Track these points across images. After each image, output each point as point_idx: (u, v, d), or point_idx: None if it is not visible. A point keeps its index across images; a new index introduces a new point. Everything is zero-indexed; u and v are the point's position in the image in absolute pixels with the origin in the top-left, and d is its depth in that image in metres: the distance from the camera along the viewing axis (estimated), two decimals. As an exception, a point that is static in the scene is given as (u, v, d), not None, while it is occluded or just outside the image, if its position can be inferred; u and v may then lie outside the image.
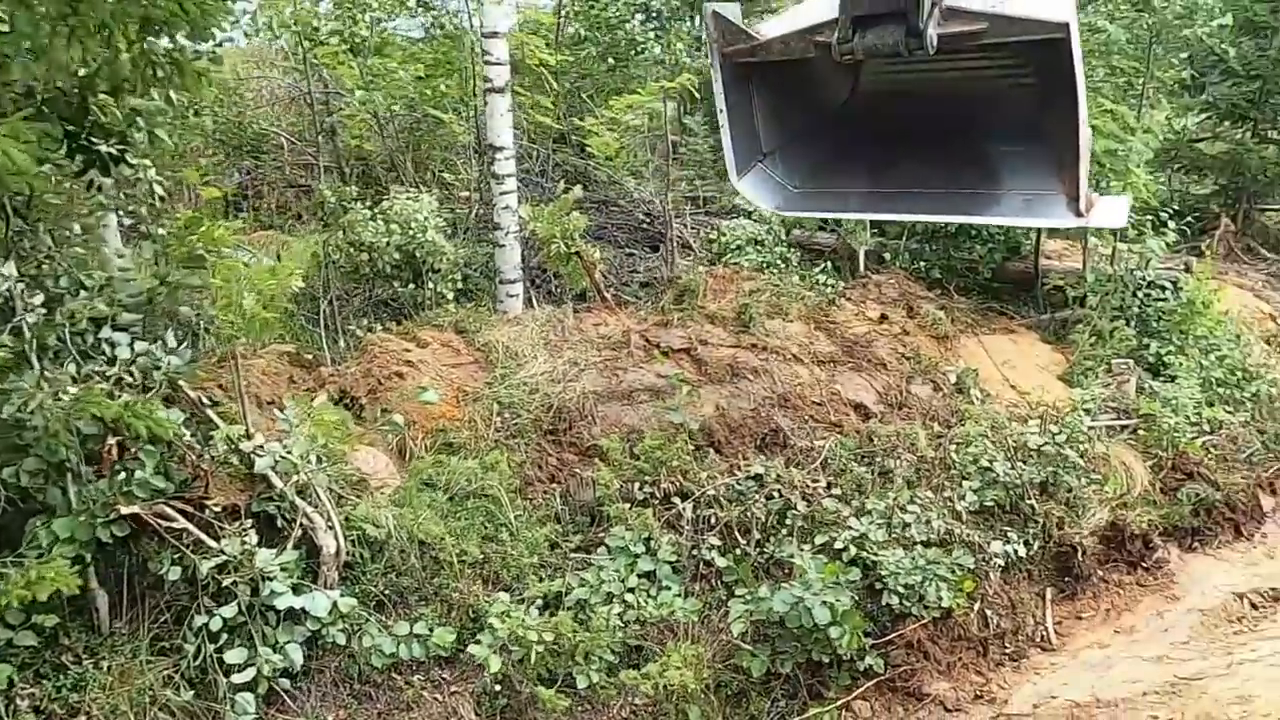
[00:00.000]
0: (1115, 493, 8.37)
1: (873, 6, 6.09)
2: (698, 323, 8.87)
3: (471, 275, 10.15)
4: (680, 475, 6.61)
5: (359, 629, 5.06)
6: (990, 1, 6.39)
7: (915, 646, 6.42)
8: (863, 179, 6.94)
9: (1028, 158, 6.27)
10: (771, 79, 7.54)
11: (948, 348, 9.77)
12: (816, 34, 7.00)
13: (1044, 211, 5.92)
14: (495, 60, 8.77)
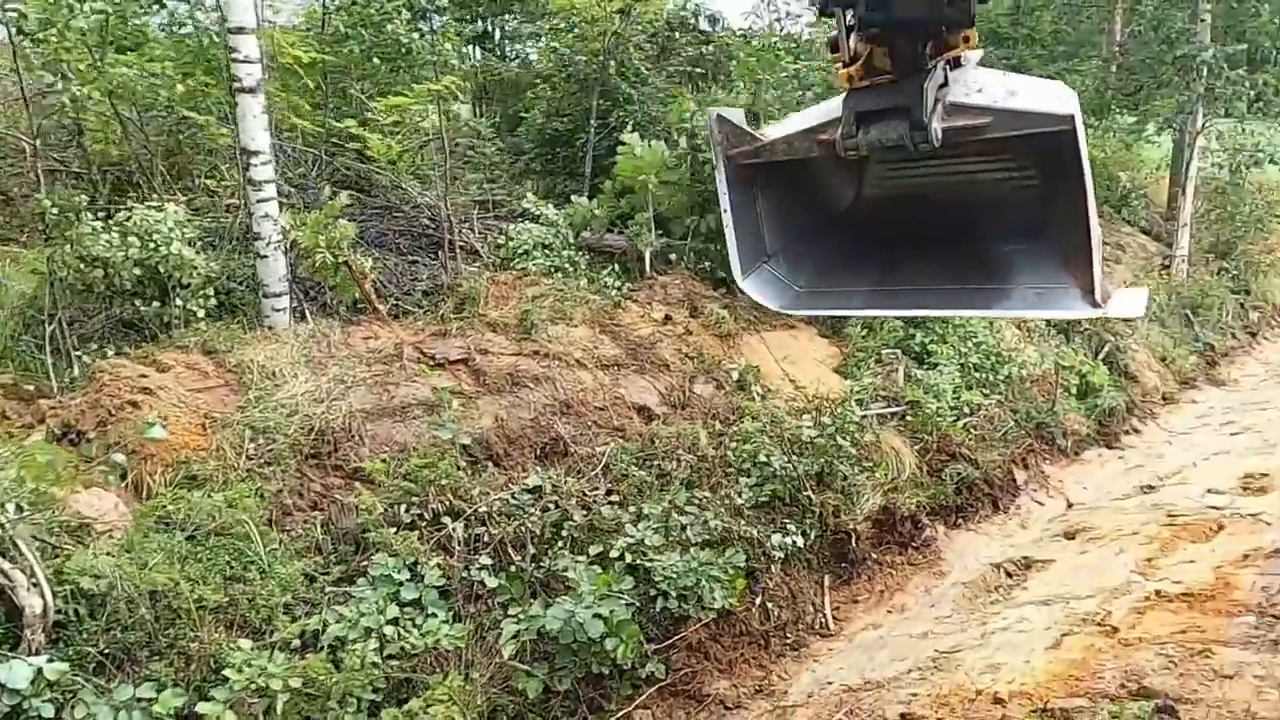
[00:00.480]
0: (886, 477, 8.76)
1: (876, 102, 6.08)
2: (478, 331, 8.59)
3: (236, 289, 9.42)
4: (451, 493, 6.31)
5: (71, 698, 4.47)
6: (993, 97, 6.44)
7: (696, 648, 6.44)
8: (869, 277, 6.83)
9: (1037, 254, 6.35)
10: (775, 180, 7.39)
11: (731, 345, 9.96)
12: (820, 133, 6.84)
13: (1058, 304, 5.91)
14: (244, 58, 8.13)
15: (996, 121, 5.90)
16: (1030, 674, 5.74)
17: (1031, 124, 5.91)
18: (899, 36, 5.68)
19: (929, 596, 7.95)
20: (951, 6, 5.25)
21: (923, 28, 5.51)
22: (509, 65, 16.78)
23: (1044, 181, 6.39)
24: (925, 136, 5.64)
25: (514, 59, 17.68)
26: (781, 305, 6.69)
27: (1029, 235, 6.24)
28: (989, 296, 5.83)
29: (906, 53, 5.71)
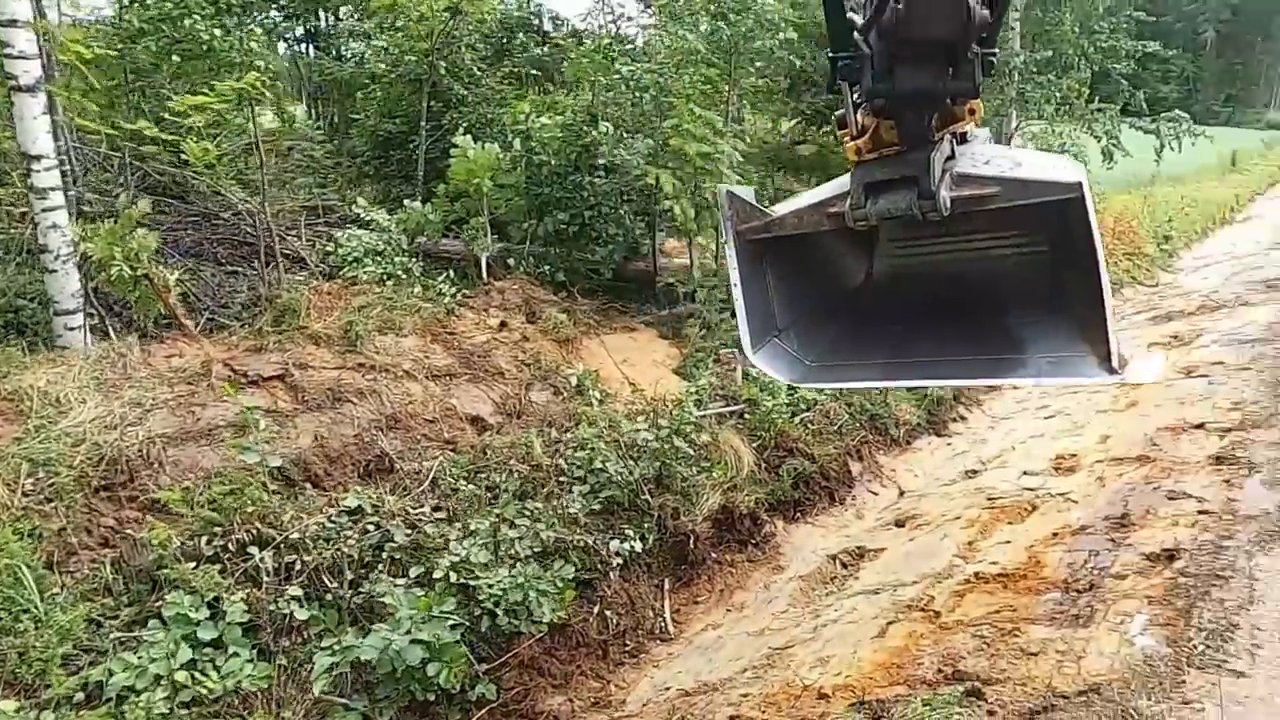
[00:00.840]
0: (726, 476, 8.82)
1: (884, 173, 5.28)
2: (298, 345, 8.15)
3: (26, 307, 8.62)
4: (259, 521, 5.90)
5: None
6: (1001, 168, 5.53)
7: (529, 664, 6.26)
8: (882, 351, 6.63)
9: (1051, 324, 5.71)
10: (785, 256, 6.47)
11: (570, 350, 9.85)
12: (829, 206, 5.97)
13: (1075, 371, 5.23)
14: (18, 53, 7.42)
15: (1005, 191, 5.29)
16: (856, 665, 5.84)
17: (1040, 192, 5.28)
18: (905, 109, 5.10)
19: (767, 593, 8.03)
20: (955, 79, 4.74)
21: (927, 100, 4.96)
22: (342, 65, 16.13)
23: (1054, 251, 5.87)
24: (934, 205, 5.12)
25: (349, 58, 17.03)
26: (793, 379, 6.74)
27: (1042, 306, 5.80)
28: (1004, 366, 5.95)
29: (913, 125, 5.13)
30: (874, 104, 5.03)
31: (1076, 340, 5.32)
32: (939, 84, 4.76)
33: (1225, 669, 5.11)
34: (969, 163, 5.37)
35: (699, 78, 10.32)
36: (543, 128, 11.32)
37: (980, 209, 5.29)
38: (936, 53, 4.66)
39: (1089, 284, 5.09)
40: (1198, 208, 30.07)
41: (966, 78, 4.67)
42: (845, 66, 5.42)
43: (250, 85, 7.96)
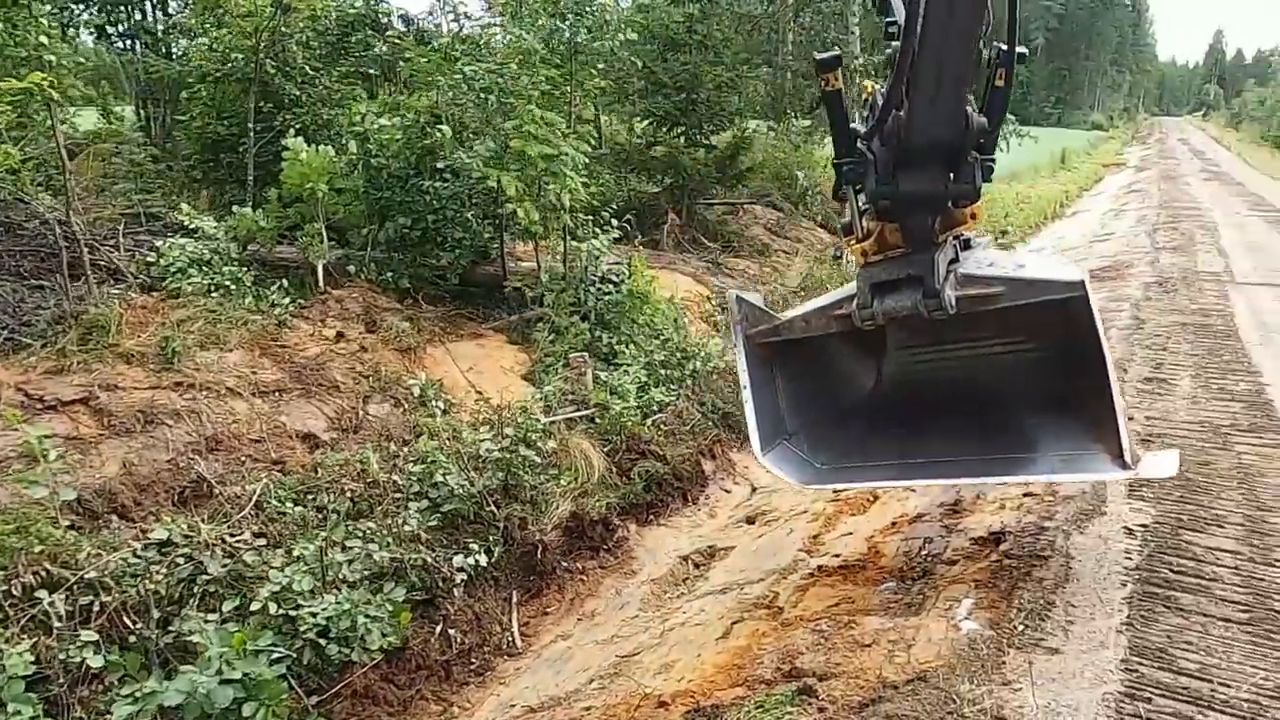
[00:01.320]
0: (576, 482, 8.71)
1: (890, 273, 5.67)
2: (107, 364, 7.54)
3: None
4: (50, 561, 5.39)
5: None
6: (1004, 269, 5.89)
7: (364, 694, 5.95)
8: (893, 454, 6.41)
9: (1061, 422, 5.92)
10: (794, 361, 6.86)
11: (414, 360, 9.52)
12: (836, 309, 6.29)
13: (1088, 468, 5.60)
14: None
15: (1010, 290, 5.72)
16: (699, 669, 5.81)
17: (1044, 291, 5.69)
18: (908, 211, 5.56)
19: (619, 598, 7.96)
20: (956, 182, 5.30)
21: (930, 202, 5.45)
22: (170, 64, 15.17)
23: (1060, 351, 6.09)
24: (939, 304, 5.56)
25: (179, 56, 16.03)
26: (803, 481, 7.00)
27: (1051, 406, 6.03)
28: (1016, 464, 5.95)
29: (916, 226, 5.62)
30: (878, 206, 5.68)
31: (1087, 438, 5.68)
32: (940, 187, 5.40)
33: (1042, 647, 5.32)
34: (973, 265, 6.04)
35: (540, 78, 10.17)
36: (381, 129, 10.92)
37: (987, 310, 5.87)
38: (937, 157, 5.32)
39: (1096, 382, 5.58)
40: (1031, 204, 32.04)
41: (967, 181, 5.36)
42: (850, 170, 5.68)
43: (36, 84, 7.30)
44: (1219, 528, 6.74)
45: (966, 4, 4.56)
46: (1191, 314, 13.73)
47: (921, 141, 5.23)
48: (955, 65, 4.82)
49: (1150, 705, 4.80)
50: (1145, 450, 5.72)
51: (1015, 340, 6.51)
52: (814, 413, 6.85)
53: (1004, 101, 5.52)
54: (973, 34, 4.83)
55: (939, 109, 4.98)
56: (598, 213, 11.39)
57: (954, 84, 4.92)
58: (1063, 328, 5.97)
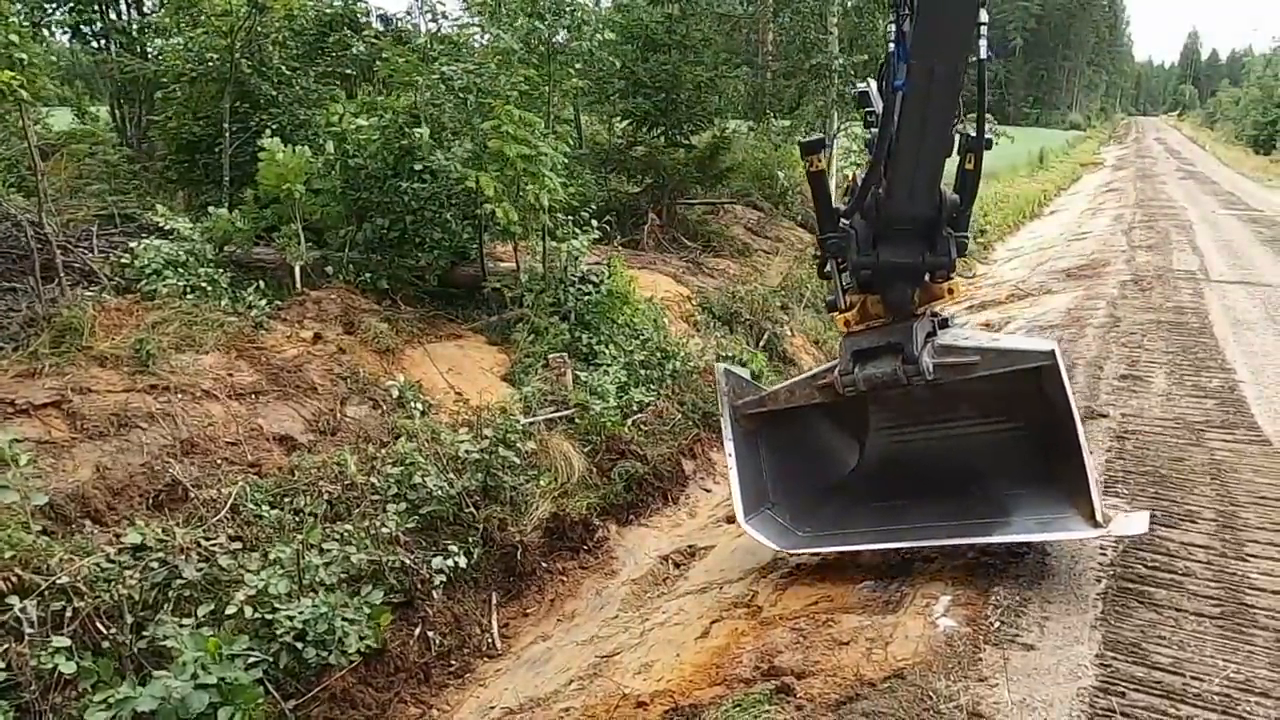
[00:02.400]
0: (556, 483, 8.71)
1: (871, 340, 6.13)
2: (80, 367, 7.45)
3: None
4: (21, 566, 5.32)
5: None
6: (980, 341, 6.38)
7: (341, 697, 5.92)
8: (874, 522, 6.69)
9: (1036, 490, 6.26)
10: (778, 434, 7.23)
11: (392, 361, 9.47)
12: (820, 379, 6.74)
13: (1061, 527, 5.92)
14: None
15: (984, 360, 6.13)
16: (678, 669, 5.81)
17: (1017, 360, 6.13)
18: (888, 282, 6.02)
19: (599, 598, 7.95)
20: (932, 255, 5.77)
21: (908, 273, 5.92)
22: (145, 63, 15.02)
23: (1034, 423, 6.44)
24: (917, 370, 5.96)
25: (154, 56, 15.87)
26: (785, 547, 7.41)
27: (1026, 476, 6.38)
28: (992, 528, 6.22)
29: (896, 296, 6.10)
30: (860, 277, 6.13)
31: (1061, 503, 6.04)
32: (918, 259, 5.84)
33: (1017, 643, 5.36)
34: (950, 338, 6.47)
35: (518, 78, 10.14)
36: (359, 130, 10.85)
37: (965, 389, 6.36)
38: (914, 232, 5.79)
39: (1069, 452, 5.93)
40: (1010, 203, 32.28)
41: (943, 254, 5.81)
42: (833, 244, 6.16)
43: (6, 83, 7.21)
44: (1192, 523, 6.82)
45: (937, 126, 5.12)
46: (1166, 312, 13.88)
47: (899, 217, 5.72)
48: (928, 164, 5.36)
49: (1124, 700, 4.84)
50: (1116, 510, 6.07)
51: (992, 418, 6.87)
52: (797, 486, 7.23)
53: (974, 182, 5.95)
54: (941, 144, 5.33)
55: (915, 194, 5.53)
56: (577, 213, 11.38)
57: (927, 174, 5.45)
58: (1036, 398, 6.32)
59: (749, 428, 7.12)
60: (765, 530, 6.75)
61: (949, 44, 4.82)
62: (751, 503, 6.84)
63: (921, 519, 6.39)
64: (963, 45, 4.92)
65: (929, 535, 6.20)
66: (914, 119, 5.04)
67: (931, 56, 4.79)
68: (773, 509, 7.03)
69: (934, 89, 4.90)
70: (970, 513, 6.26)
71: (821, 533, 6.75)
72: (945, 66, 4.85)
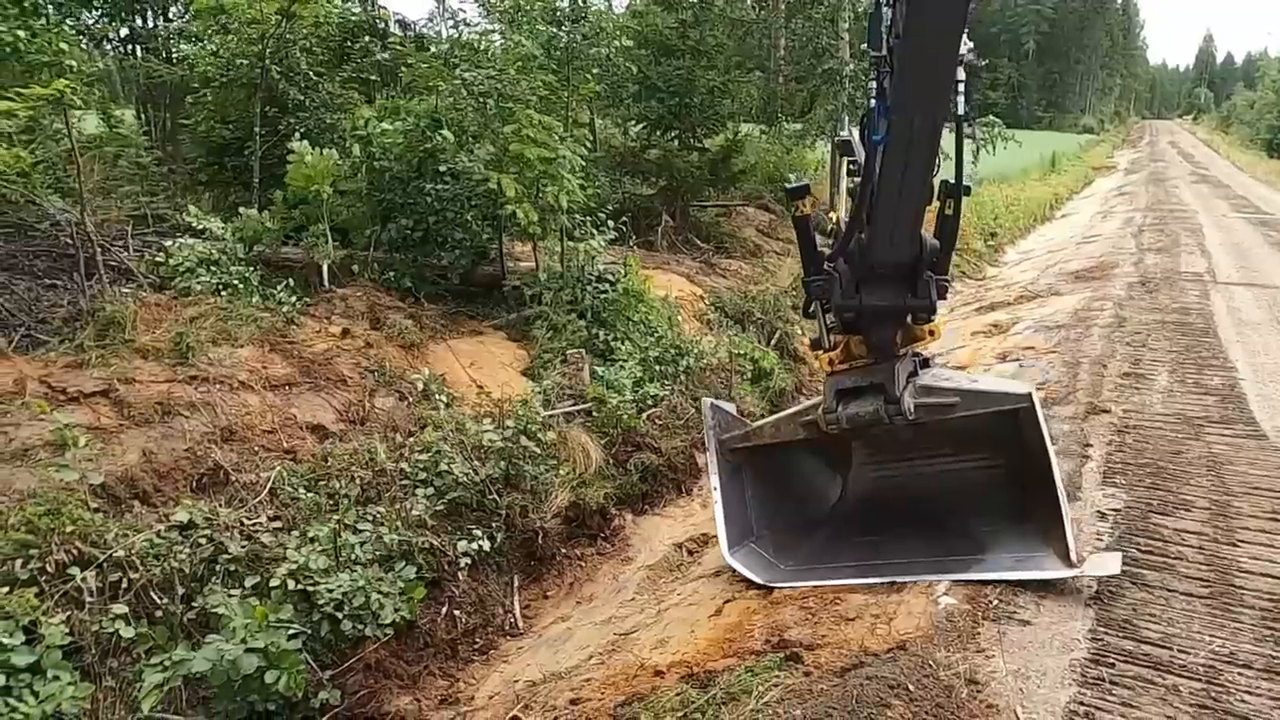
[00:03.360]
0: (574, 473, 9.04)
1: (854, 380, 6.33)
2: (124, 359, 7.83)
3: None
4: (80, 540, 5.69)
5: None
6: (959, 383, 6.63)
7: (375, 668, 6.28)
8: (855, 556, 6.87)
9: (1013, 528, 6.46)
10: (763, 468, 7.47)
11: (416, 355, 9.83)
12: (804, 415, 7.03)
13: (1036, 566, 6.07)
14: None
15: (964, 401, 6.40)
16: (693, 643, 6.13)
17: (996, 402, 6.41)
18: (871, 323, 6.19)
19: (616, 583, 8.28)
20: (914, 297, 5.93)
21: (890, 315, 6.09)
22: (172, 68, 15.46)
23: (1012, 463, 6.64)
24: (899, 409, 6.16)
25: (179, 61, 16.31)
26: (768, 580, 6.79)
27: (1003, 514, 6.57)
28: (970, 564, 6.60)
29: (879, 337, 6.26)
30: (844, 318, 6.33)
31: (1037, 541, 6.23)
32: (900, 301, 6.02)
33: (1014, 619, 5.67)
34: (931, 379, 6.67)
35: (538, 83, 10.49)
36: (384, 133, 11.23)
37: (945, 428, 6.54)
38: (896, 276, 5.95)
39: (1046, 491, 6.14)
40: (1021, 206, 32.43)
41: (924, 297, 5.97)
42: (817, 286, 6.34)
43: (61, 90, 7.61)
44: (1186, 511, 7.11)
45: (917, 176, 5.26)
46: (1172, 312, 14.12)
47: (881, 262, 5.88)
48: (908, 213, 5.52)
49: (1114, 670, 5.15)
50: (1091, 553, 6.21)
51: (971, 456, 7.04)
52: (780, 519, 7.43)
53: (954, 227, 6.10)
54: (921, 195, 5.49)
55: (896, 240, 5.71)
56: (594, 214, 11.72)
57: (907, 222, 5.60)
58: (1013, 439, 6.52)
59: (734, 461, 7.37)
60: (749, 563, 6.95)
61: (928, 99, 4.91)
62: (736, 536, 7.06)
63: (901, 554, 6.58)
64: (942, 99, 4.99)
65: (908, 571, 6.37)
66: (894, 170, 5.17)
67: (911, 110, 4.91)
68: (757, 542, 7.22)
69: (914, 141, 5.02)
70: (948, 549, 6.46)
71: (804, 566, 6.92)
72: (925, 120, 4.96)
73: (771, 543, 7.28)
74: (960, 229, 6.23)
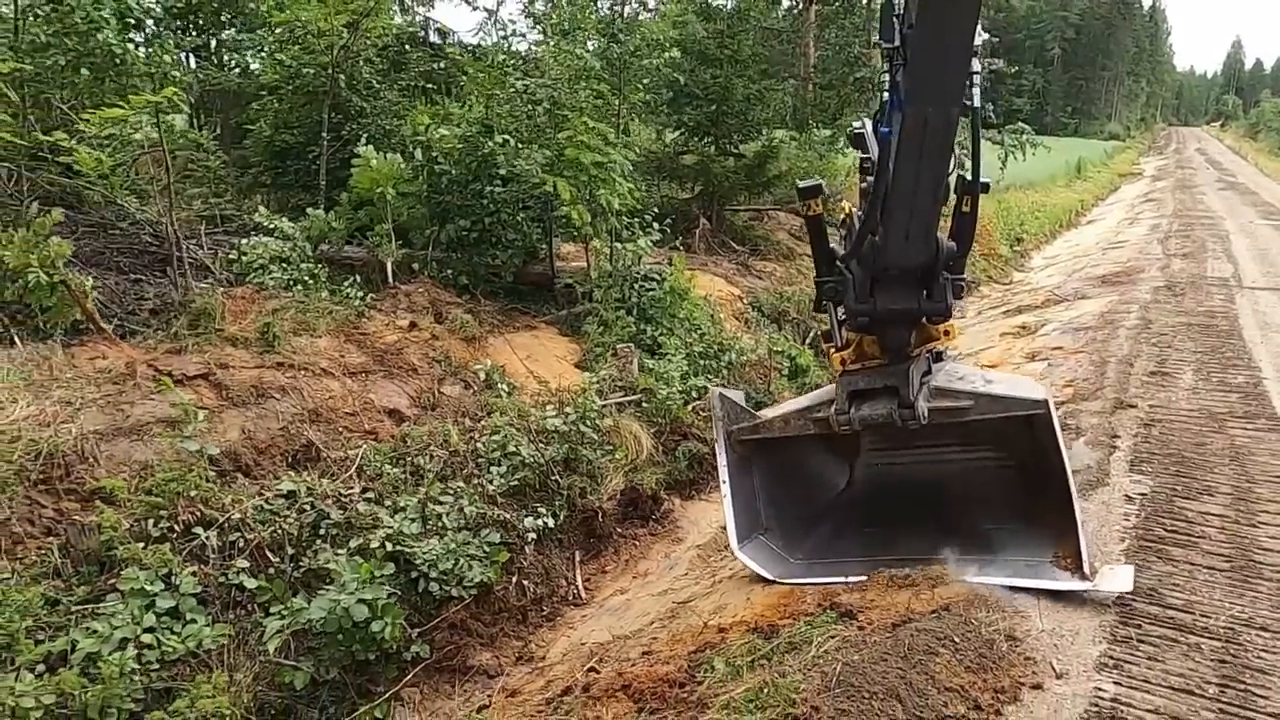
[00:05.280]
0: (627, 459, 9.61)
1: (868, 382, 6.15)
2: (217, 347, 8.48)
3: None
4: (202, 504, 6.33)
5: None
6: (973, 384, 6.36)
7: (459, 626, 6.88)
8: (863, 550, 6.79)
9: (1024, 531, 6.38)
10: (772, 461, 7.30)
11: (477, 348, 10.44)
12: (815, 411, 6.76)
13: (1049, 576, 6.03)
14: (-78, 66, 7.59)
15: (977, 405, 6.14)
16: (749, 608, 6.66)
17: (1010, 407, 6.16)
18: (886, 326, 6.02)
19: (669, 561, 8.83)
20: (929, 300, 5.77)
21: (905, 318, 5.90)
22: (228, 75, 16.19)
23: (1025, 466, 6.60)
24: (913, 414, 5.96)
25: (232, 68, 17.05)
26: (778, 575, 6.79)
27: (1017, 518, 6.46)
28: (982, 565, 6.19)
29: (894, 340, 6.12)
30: (857, 321, 6.16)
31: (1050, 548, 6.14)
32: (914, 305, 5.90)
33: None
34: (944, 378, 6.43)
35: (592, 92, 11.09)
36: (442, 139, 11.86)
37: (955, 421, 6.29)
38: (911, 278, 5.82)
39: (1059, 498, 6.03)
40: (1047, 212, 32.70)
41: (939, 299, 5.85)
42: (830, 289, 6.20)
43: (168, 98, 8.29)
44: (1209, 496, 7.58)
45: (932, 173, 5.13)
46: (1197, 315, 14.50)
47: (895, 265, 5.74)
48: (923, 211, 5.37)
49: (1140, 630, 5.65)
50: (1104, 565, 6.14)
51: (983, 452, 6.93)
52: (788, 509, 7.28)
53: (971, 225, 5.93)
54: (937, 192, 5.33)
55: (911, 241, 5.54)
56: (640, 216, 12.31)
57: (923, 221, 5.45)
58: (1027, 442, 6.41)
59: (742, 453, 7.18)
60: (758, 557, 6.85)
61: (942, 91, 4.79)
62: (745, 529, 6.91)
63: (910, 550, 6.46)
64: (956, 92, 4.86)
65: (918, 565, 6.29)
66: (908, 166, 5.03)
67: (925, 103, 4.78)
68: (765, 535, 7.08)
69: (928, 136, 4.89)
70: (959, 548, 6.34)
71: (813, 559, 6.89)
72: (939, 113, 4.83)
73: (780, 534, 7.21)
74: (980, 229, 6.21)
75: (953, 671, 5.06)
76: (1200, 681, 5.13)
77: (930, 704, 4.84)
